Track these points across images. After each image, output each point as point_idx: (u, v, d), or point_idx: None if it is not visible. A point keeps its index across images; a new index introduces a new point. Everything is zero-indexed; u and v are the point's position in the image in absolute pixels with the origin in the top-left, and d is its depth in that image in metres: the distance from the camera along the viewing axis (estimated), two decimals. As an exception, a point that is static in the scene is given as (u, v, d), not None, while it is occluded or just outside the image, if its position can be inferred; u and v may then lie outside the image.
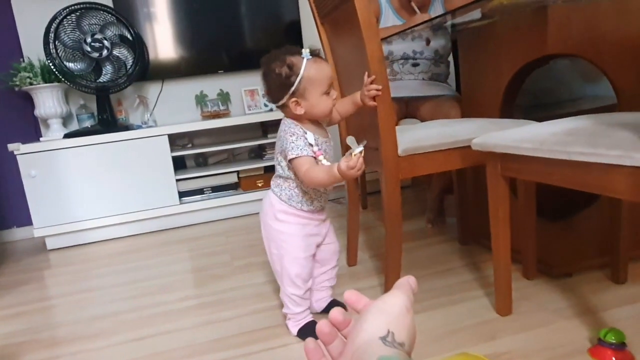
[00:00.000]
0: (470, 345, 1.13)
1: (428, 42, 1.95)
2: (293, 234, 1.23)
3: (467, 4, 1.23)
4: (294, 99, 1.12)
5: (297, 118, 1.17)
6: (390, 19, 2.02)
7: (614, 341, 1.00)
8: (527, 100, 1.74)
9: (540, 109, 1.76)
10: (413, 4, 1.94)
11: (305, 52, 1.10)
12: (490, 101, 1.54)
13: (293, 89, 1.10)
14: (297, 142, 1.12)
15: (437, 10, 2.02)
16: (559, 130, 1.02)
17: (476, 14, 1.37)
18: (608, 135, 0.91)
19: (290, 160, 1.13)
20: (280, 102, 1.15)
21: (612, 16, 1.26)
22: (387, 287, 1.42)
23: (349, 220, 1.68)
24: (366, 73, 1.25)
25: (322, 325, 0.46)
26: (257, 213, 2.64)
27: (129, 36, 2.55)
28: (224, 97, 2.88)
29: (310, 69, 1.10)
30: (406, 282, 0.47)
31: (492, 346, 1.11)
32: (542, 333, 1.14)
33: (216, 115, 2.78)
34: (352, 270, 1.69)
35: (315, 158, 1.13)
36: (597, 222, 1.38)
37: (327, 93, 1.13)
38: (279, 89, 1.13)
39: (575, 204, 1.42)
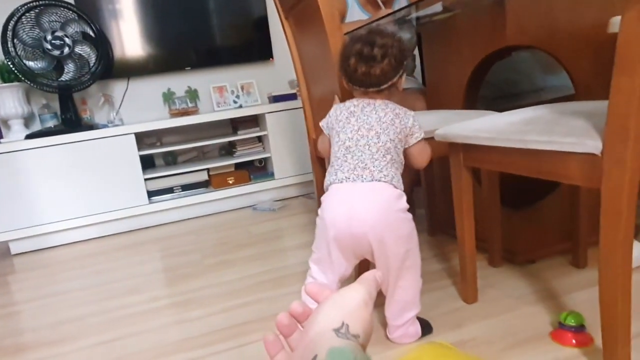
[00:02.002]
0: (438, 334, 1.14)
1: (394, 35, 1.96)
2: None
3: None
4: (404, 74, 1.10)
5: (389, 99, 1.12)
6: (356, 14, 2.02)
7: (573, 324, 1.03)
8: (491, 92, 1.77)
9: (504, 101, 1.80)
10: (379, -1, 1.95)
11: None
12: (454, 93, 1.56)
13: (406, 62, 1.09)
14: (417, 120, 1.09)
15: (402, 5, 2.03)
16: (516, 119, 1.04)
17: (437, 7, 1.38)
18: (563, 124, 0.93)
19: (418, 142, 1.09)
20: (394, 79, 1.09)
21: (567, 8, 1.29)
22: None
23: (319, 215, 1.68)
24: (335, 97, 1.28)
25: (281, 318, 0.46)
26: (229, 210, 2.67)
27: (91, 33, 2.49)
28: (192, 94, 2.84)
29: None
30: (372, 277, 0.46)
31: (458, 334, 1.13)
32: (506, 319, 1.17)
33: (184, 113, 2.73)
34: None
35: None
36: (558, 210, 1.42)
37: None
38: (399, 64, 1.08)
39: (537, 192, 1.46)
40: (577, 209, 1.33)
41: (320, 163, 1.70)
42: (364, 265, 1.40)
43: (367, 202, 1.02)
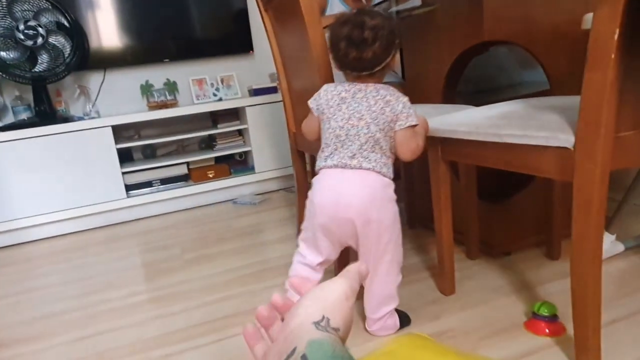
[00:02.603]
0: (416, 326, 1.16)
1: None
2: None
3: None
4: (396, 54, 1.06)
5: (380, 83, 1.09)
6: (336, 7, 2.02)
7: (546, 314, 1.06)
8: (469, 86, 1.79)
9: (482, 95, 1.82)
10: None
11: None
12: (433, 88, 1.57)
13: (398, 40, 1.05)
14: (411, 107, 1.05)
15: (382, -2, 2.04)
16: (493, 114, 1.06)
17: (417, 1, 1.39)
18: (537, 118, 0.95)
19: (403, 128, 1.04)
20: (387, 61, 1.05)
21: (543, 4, 1.31)
22: (337, 274, 1.44)
23: (299, 208, 1.69)
24: None
25: (261, 310, 0.46)
26: (209, 204, 2.65)
27: (66, 23, 2.42)
28: (171, 86, 2.80)
29: None
30: (355, 270, 0.46)
31: (436, 325, 1.15)
32: (482, 310, 1.19)
33: (163, 106, 2.69)
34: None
35: None
36: (533, 203, 1.45)
37: None
38: (391, 44, 1.04)
39: (513, 185, 1.48)
40: (551, 202, 1.36)
41: (301, 157, 1.70)
42: (343, 259, 1.40)
43: (354, 188, 1.04)
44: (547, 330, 1.06)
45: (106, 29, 2.62)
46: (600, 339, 0.90)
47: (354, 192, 1.04)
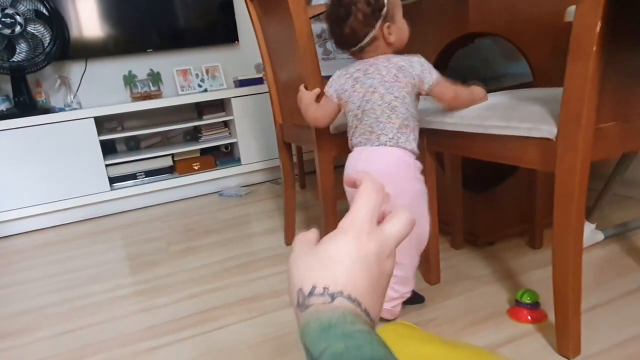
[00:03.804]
0: (401, 314, 1.17)
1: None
2: (426, 192, 1.09)
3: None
4: (387, 24, 1.01)
5: (385, 53, 1.05)
6: (322, -3, 2.00)
7: (529, 301, 1.09)
8: (454, 78, 1.79)
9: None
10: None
11: None
12: (419, 79, 1.57)
13: (385, 10, 1.00)
14: (428, 62, 1.02)
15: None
16: (478, 105, 1.07)
17: (402, -8, 1.38)
18: (521, 110, 0.96)
19: (429, 87, 1.02)
20: (372, 34, 1.01)
21: (527, -4, 1.32)
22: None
23: (285, 200, 1.69)
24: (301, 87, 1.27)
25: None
26: (194, 196, 2.63)
27: (44, 11, 2.37)
28: (155, 77, 2.76)
29: None
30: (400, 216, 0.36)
31: (420, 314, 1.17)
32: (466, 299, 1.21)
33: (147, 97, 2.66)
34: (290, 249, 1.70)
35: None
36: (516, 193, 1.47)
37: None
38: (371, 17, 0.99)
39: (497, 176, 1.50)
40: (534, 192, 1.38)
41: (287, 148, 1.69)
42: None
43: (373, 165, 1.02)
44: (529, 317, 1.08)
45: (87, 17, 2.57)
46: (580, 325, 0.93)
47: (374, 169, 1.02)
